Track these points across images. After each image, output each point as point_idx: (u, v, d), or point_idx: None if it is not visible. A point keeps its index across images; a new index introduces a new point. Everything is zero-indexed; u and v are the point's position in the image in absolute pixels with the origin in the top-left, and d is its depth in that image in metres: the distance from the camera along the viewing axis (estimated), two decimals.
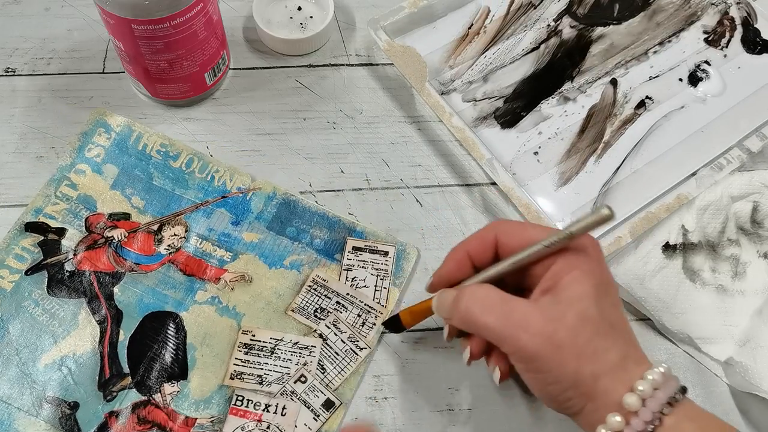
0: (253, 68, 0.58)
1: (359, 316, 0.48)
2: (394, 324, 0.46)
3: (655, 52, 0.59)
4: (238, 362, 0.46)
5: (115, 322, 0.47)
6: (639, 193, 0.52)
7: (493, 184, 0.53)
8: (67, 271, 0.49)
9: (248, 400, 0.45)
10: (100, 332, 0.47)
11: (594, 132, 0.55)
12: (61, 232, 0.50)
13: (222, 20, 0.54)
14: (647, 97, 0.57)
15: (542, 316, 0.36)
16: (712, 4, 0.61)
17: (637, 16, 0.61)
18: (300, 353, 0.46)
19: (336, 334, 0.47)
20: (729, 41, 0.60)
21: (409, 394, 0.46)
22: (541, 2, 0.61)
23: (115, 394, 0.45)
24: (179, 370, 0.46)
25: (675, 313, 0.48)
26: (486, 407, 0.46)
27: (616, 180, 0.53)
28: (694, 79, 0.58)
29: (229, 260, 0.49)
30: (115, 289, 0.48)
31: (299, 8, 0.60)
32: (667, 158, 0.54)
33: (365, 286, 0.49)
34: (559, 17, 0.61)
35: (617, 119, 0.56)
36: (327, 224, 0.51)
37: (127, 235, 0.50)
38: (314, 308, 0.48)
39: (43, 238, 0.50)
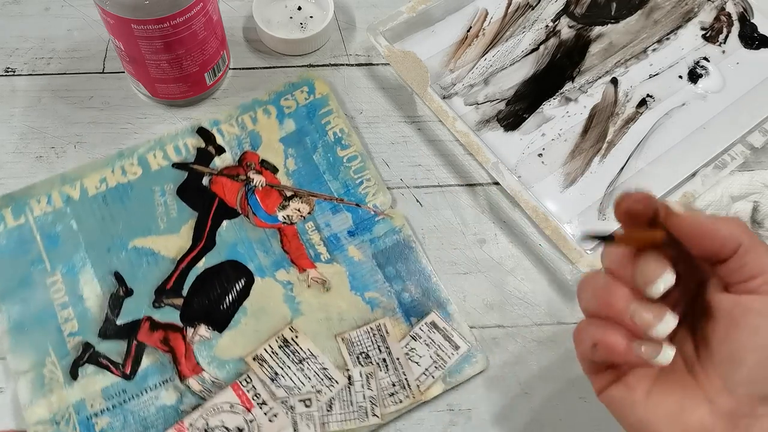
0: (253, 68, 0.58)
1: (393, 385, 0.45)
2: (604, 238, 0.32)
3: (654, 50, 0.59)
4: (268, 350, 0.46)
5: (205, 249, 0.49)
6: None
7: (495, 183, 0.53)
8: (201, 184, 0.51)
9: (253, 386, 0.45)
10: (188, 249, 0.49)
11: (597, 132, 0.55)
12: (220, 150, 0.53)
13: (222, 20, 0.54)
14: (648, 96, 0.57)
15: None
16: (708, 0, 0.62)
17: (634, 15, 0.61)
18: (322, 380, 0.45)
19: (362, 386, 0.45)
20: (726, 37, 0.60)
21: None
22: (539, 3, 0.61)
23: (162, 305, 0.47)
24: (221, 322, 0.47)
25: None
26: (486, 407, 0.46)
27: (622, 180, 0.53)
28: (693, 76, 0.58)
29: (323, 260, 0.49)
30: (224, 223, 0.50)
31: (299, 8, 0.60)
32: (671, 156, 0.54)
33: (417, 363, 0.46)
34: (557, 17, 0.61)
35: (620, 118, 0.56)
36: (425, 286, 0.48)
37: (264, 185, 0.51)
38: (361, 350, 0.46)
39: (204, 146, 0.53)
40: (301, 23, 0.59)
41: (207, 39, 0.51)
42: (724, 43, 0.60)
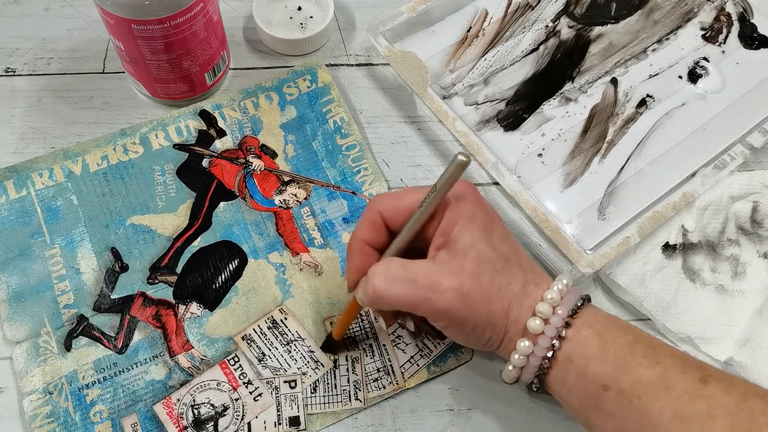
0: (253, 68, 0.58)
1: (378, 371, 0.46)
2: (330, 345, 0.46)
3: (653, 50, 0.59)
4: (257, 330, 0.47)
5: (201, 228, 0.50)
6: (645, 192, 0.52)
7: (495, 183, 0.53)
8: (201, 166, 0.52)
9: (240, 365, 0.45)
10: (185, 228, 0.50)
11: (597, 132, 0.55)
12: (221, 133, 0.54)
13: (222, 20, 0.54)
14: (648, 96, 0.57)
15: (444, 273, 0.37)
16: (708, 0, 0.62)
17: (634, 15, 0.61)
18: (308, 362, 0.46)
19: (347, 370, 0.46)
20: (726, 37, 0.60)
21: (409, 394, 0.46)
22: (539, 3, 0.61)
23: (156, 282, 0.48)
24: (212, 301, 0.48)
25: (675, 313, 0.48)
26: (486, 407, 0.46)
27: (621, 179, 0.53)
28: (693, 76, 0.58)
29: (316, 245, 0.50)
30: (221, 205, 0.51)
31: (299, 8, 0.60)
32: (670, 156, 0.54)
33: (403, 351, 0.46)
34: (557, 17, 0.61)
35: (619, 118, 0.56)
36: None
37: (262, 169, 0.52)
38: (348, 335, 0.47)
39: (205, 128, 0.53)
40: (301, 23, 0.59)
41: (207, 39, 0.51)
42: (724, 43, 0.60)
